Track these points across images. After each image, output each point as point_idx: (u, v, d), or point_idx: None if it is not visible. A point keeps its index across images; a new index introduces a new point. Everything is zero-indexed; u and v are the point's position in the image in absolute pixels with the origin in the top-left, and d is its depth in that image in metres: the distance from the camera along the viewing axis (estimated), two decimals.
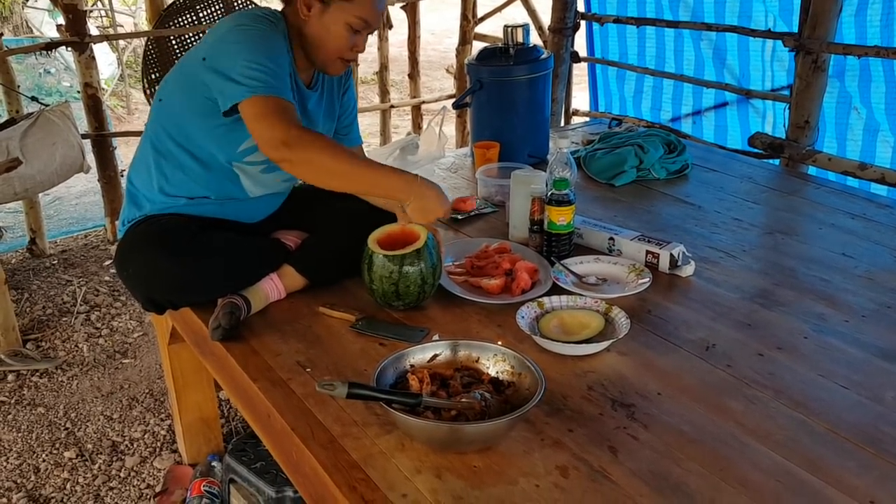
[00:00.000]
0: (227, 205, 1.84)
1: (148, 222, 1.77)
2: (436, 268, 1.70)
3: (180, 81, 1.77)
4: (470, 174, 2.71)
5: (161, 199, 1.80)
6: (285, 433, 1.38)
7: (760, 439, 1.29)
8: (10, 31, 7.90)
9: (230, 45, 1.65)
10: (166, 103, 1.79)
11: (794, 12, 3.10)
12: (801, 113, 3.02)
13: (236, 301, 1.67)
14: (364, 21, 1.73)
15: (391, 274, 1.65)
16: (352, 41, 1.76)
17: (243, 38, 1.65)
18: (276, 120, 1.58)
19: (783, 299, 1.78)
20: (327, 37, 1.74)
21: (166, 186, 1.80)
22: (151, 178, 1.81)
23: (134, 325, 3.28)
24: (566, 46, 4.10)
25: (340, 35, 1.73)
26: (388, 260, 1.66)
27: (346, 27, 1.73)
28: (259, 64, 1.61)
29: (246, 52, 1.62)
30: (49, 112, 3.30)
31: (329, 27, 1.73)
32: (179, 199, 1.80)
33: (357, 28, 1.74)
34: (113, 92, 7.36)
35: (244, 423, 2.58)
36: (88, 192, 4.87)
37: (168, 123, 1.79)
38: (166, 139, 1.79)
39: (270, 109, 1.59)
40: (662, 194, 2.49)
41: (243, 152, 1.77)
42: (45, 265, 3.88)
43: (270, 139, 1.58)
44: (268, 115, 1.59)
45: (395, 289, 1.67)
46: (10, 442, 2.54)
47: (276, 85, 1.62)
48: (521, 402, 1.28)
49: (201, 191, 1.80)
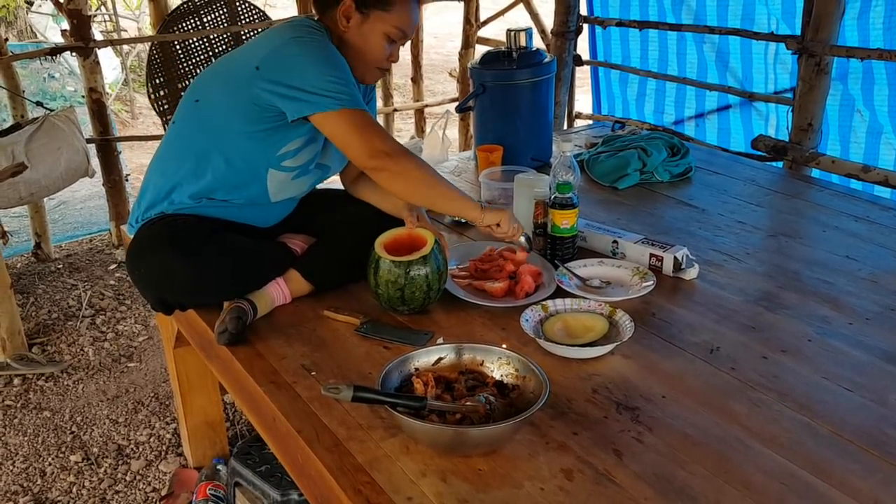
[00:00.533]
0: (245, 209, 1.84)
1: (163, 221, 1.77)
2: (441, 273, 1.71)
3: (224, 86, 1.76)
4: (473, 178, 2.71)
5: (181, 198, 1.79)
6: (290, 436, 1.39)
7: (765, 442, 1.29)
8: (14, 37, 7.92)
9: (294, 58, 1.67)
10: (204, 105, 1.79)
11: (796, 15, 3.11)
12: (805, 115, 3.02)
13: (242, 305, 1.67)
14: (401, 31, 1.78)
15: (397, 279, 1.66)
16: (388, 51, 1.81)
17: (307, 51, 1.67)
18: (375, 131, 1.69)
19: (787, 302, 1.78)
20: (366, 47, 1.78)
21: (192, 186, 1.79)
22: (177, 176, 1.80)
23: (139, 328, 3.29)
24: (569, 50, 4.11)
25: (378, 45, 1.78)
26: (395, 265, 1.66)
27: (384, 37, 1.77)
28: (335, 77, 1.67)
29: (315, 63, 1.66)
30: (54, 117, 3.32)
31: (368, 37, 1.77)
32: (201, 200, 1.80)
33: (394, 38, 1.79)
34: (117, 96, 7.38)
35: (249, 427, 2.59)
36: (93, 197, 4.88)
37: (206, 124, 1.79)
38: (201, 139, 1.79)
39: (365, 122, 1.69)
40: (666, 197, 2.49)
41: (282, 156, 1.78)
42: (51, 269, 3.89)
43: (372, 149, 1.67)
44: (364, 126, 1.68)
45: (401, 294, 1.67)
46: (17, 446, 2.55)
47: (358, 98, 1.70)
48: (525, 406, 1.28)
49: (225, 194, 1.80)
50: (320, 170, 1.91)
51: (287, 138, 1.75)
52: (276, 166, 1.79)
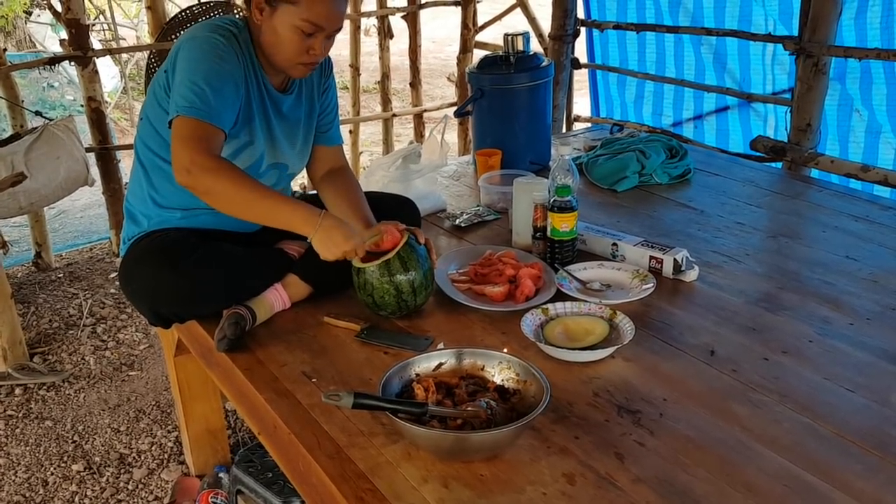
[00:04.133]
0: (221, 215, 1.83)
1: (149, 238, 1.79)
2: (413, 279, 1.69)
3: (153, 95, 1.78)
4: (472, 182, 2.71)
5: (157, 212, 1.82)
6: (292, 444, 1.39)
7: (766, 443, 1.29)
8: (13, 46, 7.93)
9: (181, 61, 1.66)
10: (145, 119, 1.82)
11: (793, 16, 3.11)
12: (803, 116, 3.02)
13: (241, 312, 1.67)
14: (312, 24, 1.67)
15: (364, 285, 1.70)
16: (305, 44, 1.70)
17: (191, 55, 1.66)
18: (188, 145, 1.58)
19: (787, 303, 1.78)
20: (277, 40, 1.70)
21: (158, 198, 1.82)
22: (144, 193, 1.84)
23: (140, 337, 3.29)
24: (566, 53, 4.11)
25: (290, 38, 1.69)
26: (354, 272, 1.71)
27: (294, 30, 1.68)
28: (193, 83, 1.61)
29: (189, 68, 1.63)
30: (53, 126, 3.32)
31: (278, 30, 1.69)
32: (175, 212, 1.81)
33: (307, 31, 1.68)
34: (116, 105, 7.39)
35: (251, 434, 2.59)
36: (93, 206, 4.88)
37: (148, 137, 1.81)
38: (150, 153, 1.81)
39: (187, 133, 1.59)
40: (665, 199, 2.49)
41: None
42: (51, 279, 3.89)
43: (176, 163, 1.59)
44: (183, 138, 1.59)
45: (373, 299, 1.70)
46: (19, 456, 2.55)
47: (204, 108, 1.60)
48: (526, 410, 1.28)
49: (192, 201, 1.80)
50: (277, 169, 1.89)
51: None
52: None
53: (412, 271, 1.68)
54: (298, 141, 1.93)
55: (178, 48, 1.69)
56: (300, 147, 1.94)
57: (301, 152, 1.94)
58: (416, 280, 1.69)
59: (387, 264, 1.66)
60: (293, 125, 1.90)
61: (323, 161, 2.02)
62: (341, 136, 2.09)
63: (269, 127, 1.84)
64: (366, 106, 6.58)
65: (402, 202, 2.08)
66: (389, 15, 4.86)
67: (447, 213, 2.40)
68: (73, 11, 3.62)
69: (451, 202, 2.51)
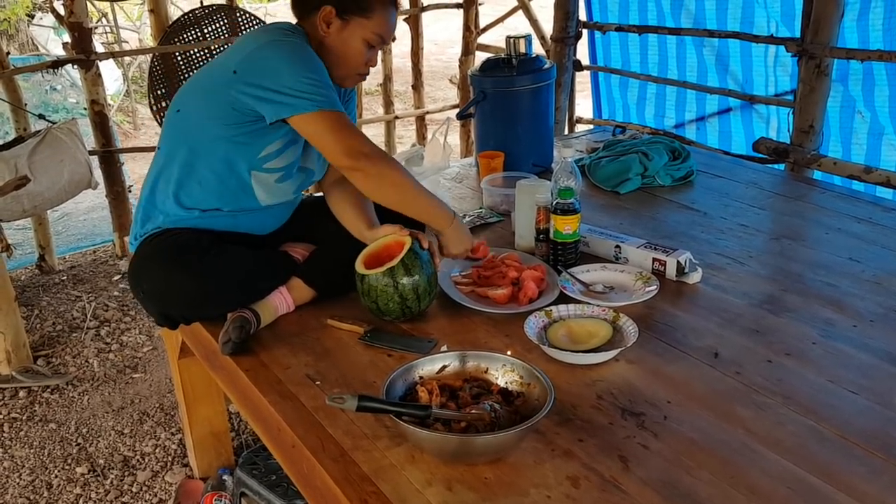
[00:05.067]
0: (239, 216, 1.85)
1: (162, 236, 1.78)
2: (417, 286, 1.69)
3: (202, 92, 1.78)
4: (475, 184, 2.72)
5: (176, 210, 1.81)
6: (296, 446, 1.39)
7: (770, 446, 1.29)
8: (16, 50, 7.95)
9: (270, 60, 1.68)
10: (184, 113, 1.80)
11: (796, 17, 3.11)
12: (806, 117, 3.02)
13: (246, 315, 1.68)
14: (380, 37, 1.80)
15: (368, 291, 1.70)
16: (367, 56, 1.82)
17: (283, 54, 1.68)
18: (352, 133, 1.71)
19: (791, 305, 1.78)
20: (346, 52, 1.80)
21: (182, 197, 1.80)
22: (168, 190, 1.82)
23: (143, 339, 3.29)
24: (569, 55, 4.11)
25: (358, 50, 1.80)
26: (358, 278, 1.72)
27: (363, 43, 1.79)
28: (311, 79, 1.67)
29: (292, 66, 1.67)
30: (56, 129, 3.33)
31: (348, 42, 1.79)
32: (193, 212, 1.81)
33: (373, 43, 1.81)
34: (119, 108, 7.41)
35: (255, 437, 2.59)
36: (96, 208, 4.90)
37: (186, 133, 1.80)
38: (184, 149, 1.79)
39: (343, 123, 1.70)
40: (668, 201, 2.49)
41: (263, 159, 1.78)
42: (55, 281, 3.90)
43: (349, 148, 1.68)
44: (342, 128, 1.69)
45: (377, 305, 1.71)
46: (23, 458, 2.55)
47: (335, 100, 1.70)
48: (530, 413, 1.28)
49: (214, 202, 1.81)
50: (304, 173, 1.90)
51: (266, 141, 1.76)
52: (259, 168, 1.79)
53: (416, 277, 1.68)
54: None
55: (252, 51, 1.69)
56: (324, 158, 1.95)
57: (324, 162, 1.94)
58: (420, 286, 1.69)
59: (391, 271, 1.67)
60: None
61: (334, 168, 2.02)
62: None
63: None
64: (368, 108, 6.60)
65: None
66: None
67: None
68: (75, 14, 3.63)
69: (453, 204, 2.51)
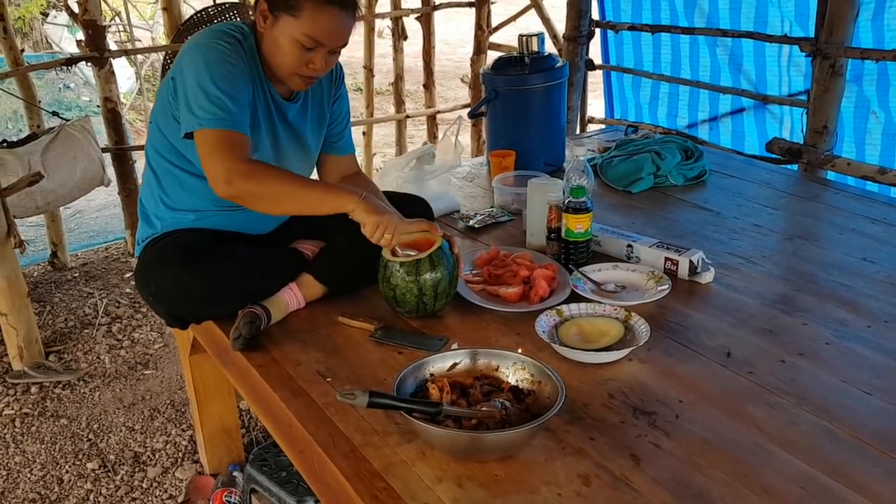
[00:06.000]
0: (232, 215, 1.84)
1: (164, 239, 1.79)
2: (438, 283, 1.68)
3: (161, 101, 1.78)
4: (486, 183, 2.71)
5: (169, 214, 1.82)
6: (306, 442, 1.39)
7: (783, 446, 1.28)
8: (30, 48, 8.00)
9: (189, 68, 1.64)
10: (154, 122, 1.82)
11: (810, 17, 3.09)
12: (819, 118, 3.00)
13: (256, 311, 1.68)
14: (312, 39, 1.65)
15: (389, 278, 1.69)
16: (305, 58, 1.68)
17: (201, 62, 1.63)
18: (220, 156, 1.58)
19: (804, 305, 1.77)
20: (277, 51, 1.69)
21: (169, 201, 1.82)
22: (155, 196, 1.84)
23: (155, 336, 3.31)
24: (581, 54, 4.10)
25: (290, 51, 1.67)
26: (382, 265, 1.71)
27: (294, 43, 1.66)
28: (208, 93, 1.60)
29: (200, 77, 1.61)
30: (70, 127, 3.35)
31: (278, 41, 1.68)
32: (188, 215, 1.82)
33: (307, 46, 1.66)
34: (132, 106, 7.44)
35: (265, 433, 2.60)
36: (109, 206, 4.92)
37: (158, 142, 1.81)
38: (160, 158, 1.82)
39: (216, 145, 1.59)
40: (680, 201, 2.48)
41: None
42: (67, 278, 3.92)
43: (212, 177, 1.60)
44: (213, 151, 1.59)
45: (394, 294, 1.70)
46: (34, 453, 2.57)
47: (226, 117, 1.60)
48: (541, 411, 1.28)
49: (203, 203, 1.81)
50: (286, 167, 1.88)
51: None
52: None
53: (439, 275, 1.68)
54: (304, 149, 1.92)
55: (182, 55, 1.68)
56: (306, 155, 1.94)
57: (307, 161, 1.93)
58: (441, 286, 1.69)
59: (417, 263, 1.66)
60: (299, 133, 1.89)
61: (336, 170, 2.03)
62: (353, 145, 2.09)
63: (274, 134, 1.83)
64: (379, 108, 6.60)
65: (415, 202, 2.08)
66: (403, 16, 4.87)
67: (461, 214, 2.40)
68: (89, 13, 3.64)
69: (464, 203, 2.51)
